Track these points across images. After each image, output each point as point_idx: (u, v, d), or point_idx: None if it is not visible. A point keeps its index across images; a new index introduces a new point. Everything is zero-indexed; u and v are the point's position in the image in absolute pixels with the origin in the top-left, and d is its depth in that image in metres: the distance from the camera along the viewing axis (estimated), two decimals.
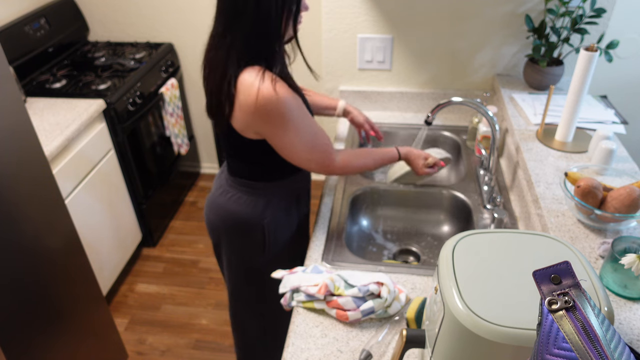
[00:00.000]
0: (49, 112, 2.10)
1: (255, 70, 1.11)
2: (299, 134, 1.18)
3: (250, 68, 1.12)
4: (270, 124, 1.15)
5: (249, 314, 1.59)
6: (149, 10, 2.75)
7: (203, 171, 3.32)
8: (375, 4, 1.80)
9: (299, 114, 1.17)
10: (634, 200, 1.07)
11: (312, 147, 1.22)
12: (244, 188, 1.34)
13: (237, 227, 1.37)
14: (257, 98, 1.10)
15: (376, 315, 1.07)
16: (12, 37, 2.25)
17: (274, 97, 1.10)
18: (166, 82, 2.65)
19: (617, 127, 1.52)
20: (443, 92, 1.94)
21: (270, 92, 1.10)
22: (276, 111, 1.12)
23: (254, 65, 1.13)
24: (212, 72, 1.18)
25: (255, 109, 1.11)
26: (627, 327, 0.94)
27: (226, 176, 1.38)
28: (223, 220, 1.38)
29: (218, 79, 1.15)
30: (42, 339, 1.53)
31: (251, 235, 1.37)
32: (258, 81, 1.10)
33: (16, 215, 1.40)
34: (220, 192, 1.38)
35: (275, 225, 1.37)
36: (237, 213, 1.35)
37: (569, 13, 1.63)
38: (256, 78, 1.10)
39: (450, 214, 1.58)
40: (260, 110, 1.11)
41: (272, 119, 1.13)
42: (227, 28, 1.12)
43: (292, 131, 1.17)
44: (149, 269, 2.61)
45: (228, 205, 1.36)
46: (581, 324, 0.49)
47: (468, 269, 0.72)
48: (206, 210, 1.44)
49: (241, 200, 1.34)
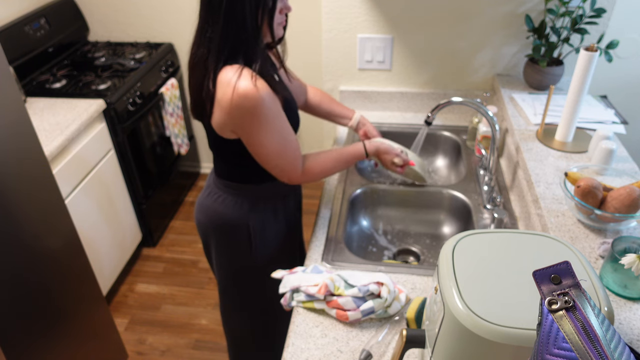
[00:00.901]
0: (49, 112, 2.10)
1: (234, 68, 1.11)
2: (269, 134, 1.16)
3: (229, 66, 1.12)
4: (243, 121, 1.14)
5: (237, 314, 1.59)
6: (149, 10, 2.75)
7: (203, 171, 3.32)
8: (375, 4, 1.80)
9: (274, 114, 1.16)
10: (634, 200, 1.07)
11: (280, 152, 1.20)
12: (229, 189, 1.33)
13: (224, 228, 1.37)
14: (233, 94, 1.09)
15: (376, 315, 1.07)
16: (12, 37, 2.25)
17: (250, 94, 1.09)
18: (166, 82, 2.65)
19: (617, 127, 1.52)
20: (443, 92, 1.94)
21: (246, 88, 1.09)
22: (251, 108, 1.11)
23: (234, 63, 1.13)
24: (193, 69, 1.18)
25: (231, 105, 1.11)
26: (627, 327, 0.94)
27: (213, 177, 1.38)
28: (211, 221, 1.38)
29: (199, 77, 1.15)
30: (42, 339, 1.53)
31: (237, 236, 1.37)
32: (235, 78, 1.09)
33: (16, 215, 1.40)
34: (208, 194, 1.38)
35: (262, 227, 1.37)
36: (223, 214, 1.35)
37: (569, 13, 1.63)
38: (234, 75, 1.10)
39: (450, 214, 1.58)
40: (235, 106, 1.11)
41: (246, 115, 1.12)
42: (206, 22, 1.12)
43: (264, 130, 1.15)
44: (149, 269, 2.61)
45: (215, 207, 1.36)
46: (581, 324, 0.49)
47: (468, 269, 0.72)
48: (195, 211, 1.45)
49: (226, 201, 1.34)
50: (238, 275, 1.46)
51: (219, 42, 1.11)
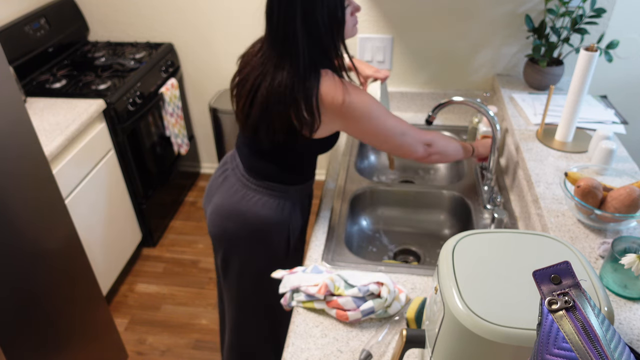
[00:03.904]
0: (49, 112, 2.10)
1: (329, 74, 1.15)
2: (387, 119, 1.24)
3: (324, 75, 1.15)
4: (362, 118, 1.19)
5: (256, 319, 1.54)
6: (149, 10, 2.75)
7: (203, 171, 3.31)
8: (375, 4, 1.80)
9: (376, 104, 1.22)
10: (634, 200, 1.07)
11: (402, 128, 1.28)
12: (272, 192, 1.32)
13: (263, 231, 1.33)
14: (344, 98, 1.14)
15: (376, 315, 1.07)
16: (12, 37, 2.25)
17: (357, 97, 1.17)
18: (166, 82, 2.65)
19: (617, 127, 1.52)
20: (443, 92, 1.94)
21: (352, 91, 1.16)
22: (362, 106, 1.18)
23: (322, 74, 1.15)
24: (274, 102, 1.15)
25: (342, 108, 1.16)
26: (627, 327, 0.94)
27: (244, 180, 1.33)
28: (245, 225, 1.33)
29: (284, 106, 1.14)
30: (42, 339, 1.53)
31: (278, 237, 1.35)
32: (339, 84, 1.15)
33: (16, 215, 1.40)
34: (241, 197, 1.32)
35: (295, 228, 1.39)
36: (265, 217, 1.32)
37: (569, 13, 1.63)
38: (336, 83, 1.15)
39: (450, 214, 1.58)
40: (348, 107, 1.16)
41: (357, 112, 1.18)
42: (280, 58, 1.13)
43: (382, 118, 1.22)
44: (149, 269, 2.61)
45: (255, 210, 1.31)
46: (581, 324, 0.49)
47: (468, 269, 0.72)
48: (218, 219, 1.36)
49: (268, 203, 1.32)
50: (262, 280, 1.41)
51: (304, 71, 1.12)
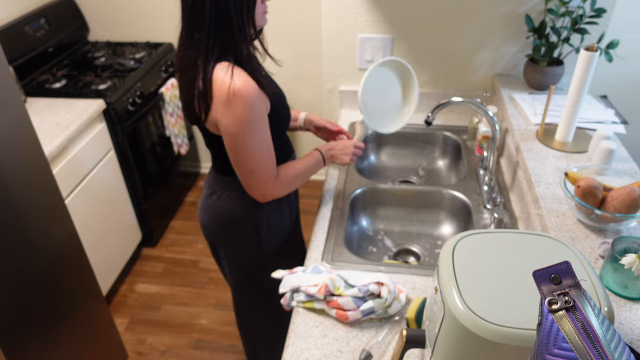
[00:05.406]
0: (49, 112, 2.09)
1: (225, 66, 1.12)
2: (255, 138, 1.17)
3: (219, 64, 1.13)
4: (234, 120, 1.14)
5: (252, 311, 1.60)
6: (149, 10, 2.75)
7: (203, 171, 3.31)
8: (375, 4, 1.80)
9: (260, 115, 1.17)
10: (634, 200, 1.07)
11: (261, 156, 1.20)
12: (231, 185, 1.33)
13: (232, 224, 1.37)
14: (228, 93, 1.10)
15: (376, 315, 1.07)
16: (12, 37, 2.25)
17: (243, 93, 1.11)
18: (166, 82, 2.64)
19: (617, 127, 1.52)
20: (443, 92, 1.93)
21: (240, 87, 1.10)
22: (244, 106, 1.12)
23: (224, 61, 1.13)
24: (184, 72, 1.18)
25: (226, 103, 1.12)
26: (627, 327, 0.94)
27: (213, 176, 1.38)
28: (217, 219, 1.38)
29: (190, 78, 1.15)
30: (42, 339, 1.53)
31: (246, 230, 1.37)
32: (228, 76, 1.10)
33: (16, 215, 1.40)
34: (210, 193, 1.39)
35: (268, 218, 1.38)
36: (229, 210, 1.35)
37: (569, 13, 1.63)
38: (226, 74, 1.11)
39: (450, 214, 1.58)
40: (229, 104, 1.12)
41: (237, 113, 1.13)
42: (190, 25, 1.13)
43: (251, 133, 1.16)
44: (149, 269, 2.61)
45: (219, 204, 1.36)
46: (581, 324, 0.49)
47: (468, 269, 0.72)
48: (199, 214, 1.45)
49: (230, 197, 1.35)
50: (250, 272, 1.47)
51: (207, 43, 1.12)
